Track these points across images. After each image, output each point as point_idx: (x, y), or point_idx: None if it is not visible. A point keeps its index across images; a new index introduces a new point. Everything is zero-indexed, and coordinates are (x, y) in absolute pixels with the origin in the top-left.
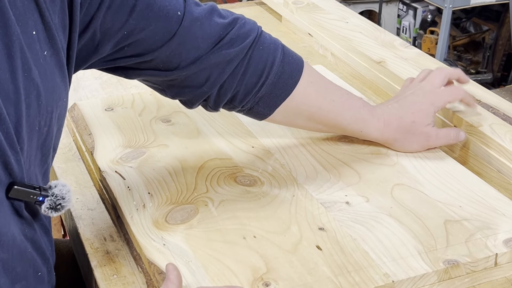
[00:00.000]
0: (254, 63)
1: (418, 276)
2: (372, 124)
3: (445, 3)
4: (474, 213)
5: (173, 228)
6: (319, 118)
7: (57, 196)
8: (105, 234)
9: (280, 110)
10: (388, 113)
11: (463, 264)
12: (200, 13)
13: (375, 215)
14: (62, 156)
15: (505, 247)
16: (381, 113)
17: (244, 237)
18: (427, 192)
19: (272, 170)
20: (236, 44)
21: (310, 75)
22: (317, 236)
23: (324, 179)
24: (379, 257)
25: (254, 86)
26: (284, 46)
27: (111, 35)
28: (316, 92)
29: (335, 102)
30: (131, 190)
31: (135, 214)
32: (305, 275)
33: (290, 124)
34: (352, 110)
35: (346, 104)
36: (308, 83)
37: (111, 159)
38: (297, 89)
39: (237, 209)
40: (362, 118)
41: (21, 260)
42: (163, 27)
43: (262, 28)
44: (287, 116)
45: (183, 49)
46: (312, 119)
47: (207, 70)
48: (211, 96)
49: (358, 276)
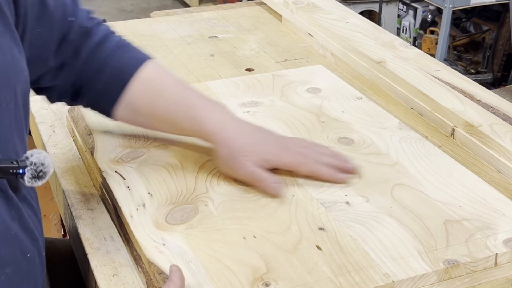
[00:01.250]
0: (95, 56)
1: (418, 276)
2: (206, 127)
3: (445, 3)
4: (474, 213)
5: (173, 228)
6: (156, 116)
7: (36, 164)
8: (105, 234)
9: (119, 108)
10: (229, 124)
11: (463, 264)
12: None
13: (375, 215)
14: (62, 156)
15: (505, 247)
16: (220, 117)
17: (244, 237)
18: (427, 192)
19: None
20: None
21: (150, 71)
22: (317, 236)
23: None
24: (379, 257)
25: (94, 76)
26: (129, 44)
27: None
28: (152, 88)
29: (171, 99)
30: (131, 190)
31: (135, 214)
32: (305, 275)
33: (137, 124)
34: (186, 108)
35: (180, 101)
36: (147, 76)
37: (111, 159)
38: (134, 83)
39: (237, 209)
40: (197, 118)
41: (5, 243)
42: None
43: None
44: (128, 115)
45: None
46: (152, 117)
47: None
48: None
49: (358, 276)
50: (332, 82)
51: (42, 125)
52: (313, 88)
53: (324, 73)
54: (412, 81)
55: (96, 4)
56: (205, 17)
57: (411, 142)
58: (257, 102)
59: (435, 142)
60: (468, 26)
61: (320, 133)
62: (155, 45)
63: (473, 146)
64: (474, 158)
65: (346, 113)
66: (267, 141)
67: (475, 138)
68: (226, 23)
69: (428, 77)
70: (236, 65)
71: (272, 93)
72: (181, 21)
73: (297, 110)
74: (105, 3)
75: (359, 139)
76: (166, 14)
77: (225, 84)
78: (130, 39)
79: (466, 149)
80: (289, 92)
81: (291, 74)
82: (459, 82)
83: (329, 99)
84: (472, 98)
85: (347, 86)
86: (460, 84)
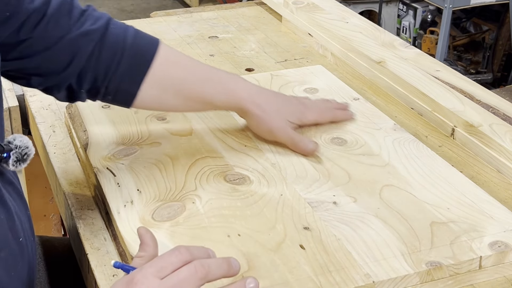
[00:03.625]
0: (108, 41)
1: (400, 277)
2: (238, 94)
3: (445, 3)
4: (461, 215)
5: (159, 225)
6: (185, 92)
7: (20, 147)
8: (105, 234)
9: (146, 87)
10: (259, 91)
11: (446, 266)
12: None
13: (361, 216)
14: (62, 156)
15: (490, 250)
16: (247, 86)
17: (229, 235)
18: (416, 194)
19: (262, 169)
20: (92, 24)
21: (168, 50)
22: (301, 235)
23: (313, 179)
24: (361, 257)
25: (111, 62)
26: (137, 29)
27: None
28: (176, 64)
29: (196, 75)
30: (120, 186)
31: (122, 210)
32: (286, 274)
33: (161, 105)
34: (215, 81)
35: (206, 75)
36: (167, 55)
37: (104, 156)
38: (157, 61)
39: (224, 207)
40: (228, 89)
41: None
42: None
43: None
44: (155, 95)
45: (47, 31)
46: (179, 95)
47: (68, 50)
48: (72, 82)
49: (338, 276)
50: (330, 82)
51: (42, 125)
52: (310, 88)
53: (323, 74)
54: (412, 81)
55: (96, 4)
56: (205, 17)
57: (404, 144)
58: None
59: (435, 142)
60: (468, 26)
61: (314, 133)
62: None
63: (473, 146)
64: (474, 158)
65: None
66: (290, 102)
67: (475, 138)
68: (226, 23)
69: (428, 77)
70: (236, 65)
71: None
72: (181, 21)
73: None
74: (105, 3)
75: (352, 139)
76: (166, 14)
77: None
78: None
79: (466, 149)
80: (287, 91)
81: (289, 74)
82: (459, 82)
83: None
84: (472, 98)
85: (345, 87)
86: (460, 84)
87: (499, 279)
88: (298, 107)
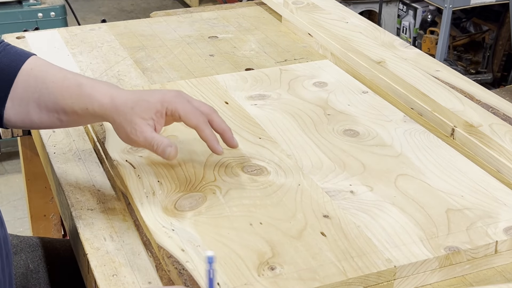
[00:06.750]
0: None
1: (420, 261)
2: (96, 99)
3: (445, 3)
4: (475, 202)
5: (182, 215)
6: (46, 104)
7: None
8: (105, 234)
9: (10, 105)
10: (117, 93)
11: (464, 251)
12: None
13: (378, 204)
14: (62, 156)
15: (505, 235)
16: (108, 90)
17: (251, 223)
18: (430, 182)
19: (278, 160)
20: None
21: (36, 64)
22: (322, 223)
23: (329, 169)
24: (381, 243)
25: None
26: (9, 44)
27: None
28: (35, 78)
29: (55, 83)
30: (141, 178)
31: (145, 201)
32: (310, 259)
33: (30, 121)
34: (73, 88)
35: (65, 83)
36: (32, 69)
37: (122, 149)
38: (19, 77)
39: (244, 197)
40: (85, 95)
41: None
42: None
43: None
44: (20, 112)
45: None
46: (41, 107)
47: None
48: None
49: (361, 261)
50: (338, 76)
51: None
52: (319, 82)
53: (331, 68)
54: (412, 81)
55: (96, 4)
56: (205, 17)
57: (415, 135)
58: (265, 96)
59: None
60: (468, 26)
61: (326, 125)
62: (155, 45)
63: (473, 146)
64: (474, 158)
65: (351, 106)
66: (152, 92)
67: (475, 138)
68: (226, 23)
69: (428, 77)
70: (236, 65)
71: (279, 87)
72: (181, 21)
73: (304, 103)
74: (105, 3)
75: (364, 131)
76: (166, 14)
77: (233, 77)
78: (130, 39)
79: (466, 149)
80: (296, 85)
81: (298, 69)
82: (459, 82)
83: (335, 93)
84: (472, 98)
85: (353, 81)
86: (460, 84)
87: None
88: (159, 96)
